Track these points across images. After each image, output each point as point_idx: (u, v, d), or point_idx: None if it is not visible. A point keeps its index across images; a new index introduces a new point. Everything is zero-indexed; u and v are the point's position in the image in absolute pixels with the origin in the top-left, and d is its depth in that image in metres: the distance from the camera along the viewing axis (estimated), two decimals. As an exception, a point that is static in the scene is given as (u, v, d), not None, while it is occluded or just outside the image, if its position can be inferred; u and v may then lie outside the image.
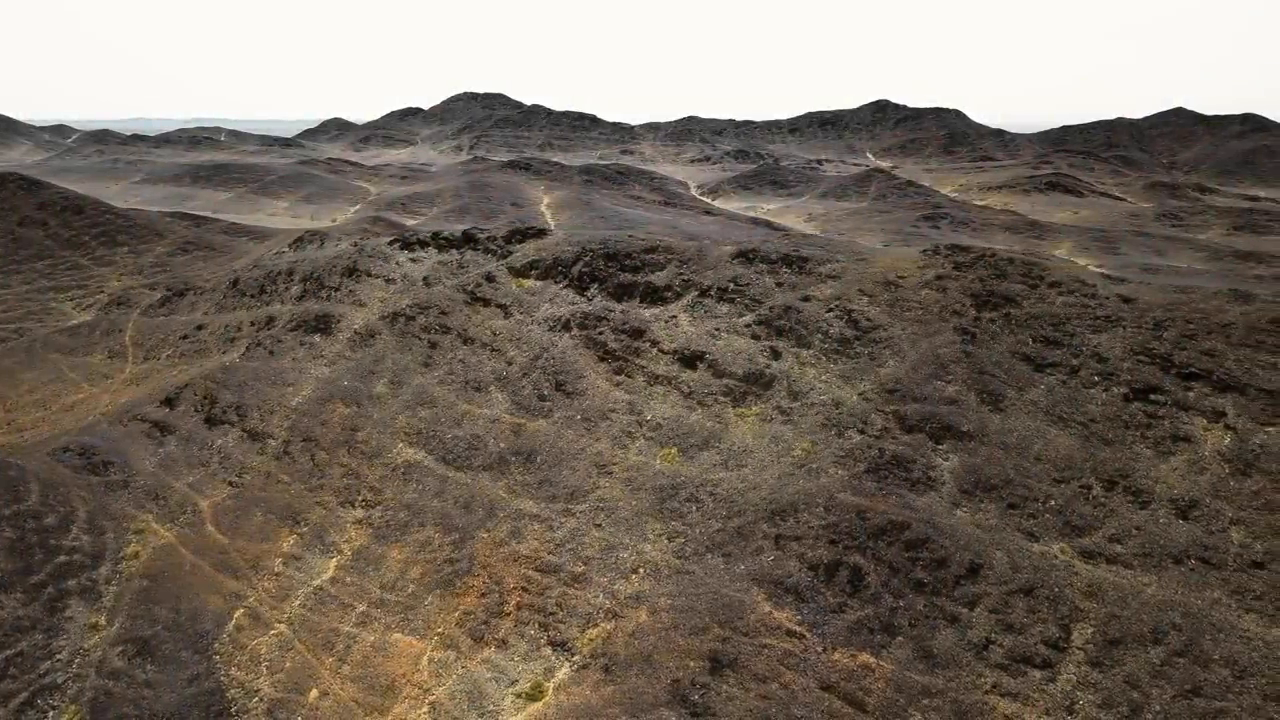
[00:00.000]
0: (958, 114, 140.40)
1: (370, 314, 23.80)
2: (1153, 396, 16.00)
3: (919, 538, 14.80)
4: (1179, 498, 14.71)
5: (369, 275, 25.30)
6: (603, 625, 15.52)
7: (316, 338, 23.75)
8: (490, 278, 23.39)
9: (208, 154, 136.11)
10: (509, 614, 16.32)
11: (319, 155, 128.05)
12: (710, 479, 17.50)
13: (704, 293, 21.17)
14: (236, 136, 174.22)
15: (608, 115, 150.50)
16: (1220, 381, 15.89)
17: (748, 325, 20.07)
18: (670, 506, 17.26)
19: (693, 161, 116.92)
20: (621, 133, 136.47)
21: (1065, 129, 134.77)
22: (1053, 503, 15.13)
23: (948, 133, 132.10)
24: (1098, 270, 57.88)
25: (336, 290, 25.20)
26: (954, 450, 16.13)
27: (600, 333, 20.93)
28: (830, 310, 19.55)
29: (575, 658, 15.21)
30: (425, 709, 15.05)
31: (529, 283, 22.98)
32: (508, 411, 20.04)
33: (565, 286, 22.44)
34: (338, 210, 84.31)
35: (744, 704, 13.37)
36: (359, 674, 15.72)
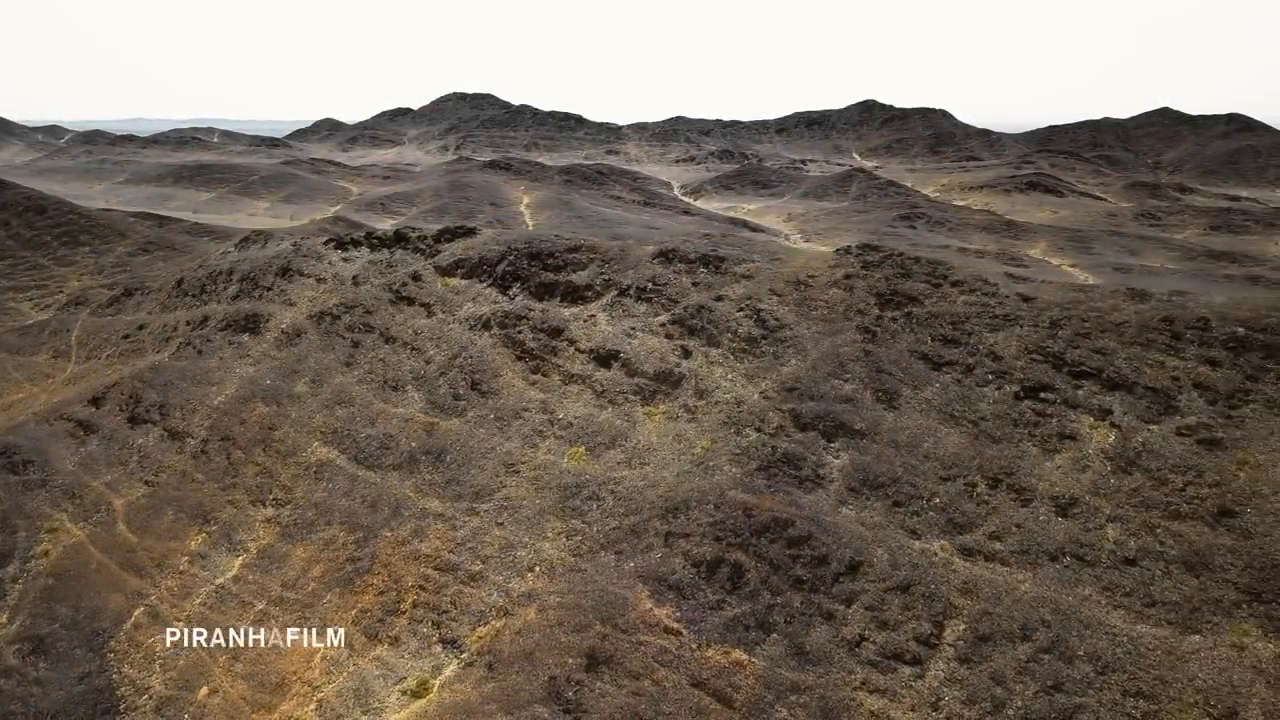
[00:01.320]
0: (944, 114, 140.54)
1: (298, 314, 23.86)
2: (1043, 395, 16.08)
3: (801, 535, 14.88)
4: (1060, 495, 14.78)
5: (301, 275, 25.36)
6: (493, 623, 15.59)
7: (245, 337, 23.81)
8: (417, 277, 23.46)
9: (195, 154, 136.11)
10: (404, 612, 16.39)
11: (304, 156, 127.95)
12: (613, 477, 17.56)
13: (623, 292, 21.24)
14: (229, 137, 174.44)
15: (598, 116, 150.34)
16: (1109, 380, 15.97)
17: (662, 324, 20.14)
18: (572, 505, 17.33)
19: (677, 162, 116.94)
20: (607, 133, 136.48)
21: (1051, 129, 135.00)
22: (937, 500, 15.21)
23: (933, 133, 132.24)
24: (1071, 269, 57.95)
25: (269, 290, 25.26)
26: (845, 448, 16.21)
27: (519, 332, 21.01)
28: (741, 310, 19.62)
29: (463, 655, 15.27)
30: (313, 706, 15.11)
31: (454, 281, 23.04)
32: (422, 411, 20.11)
33: (489, 285, 22.52)
34: (318, 210, 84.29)
35: (615, 700, 13.44)
36: (251, 672, 15.78)
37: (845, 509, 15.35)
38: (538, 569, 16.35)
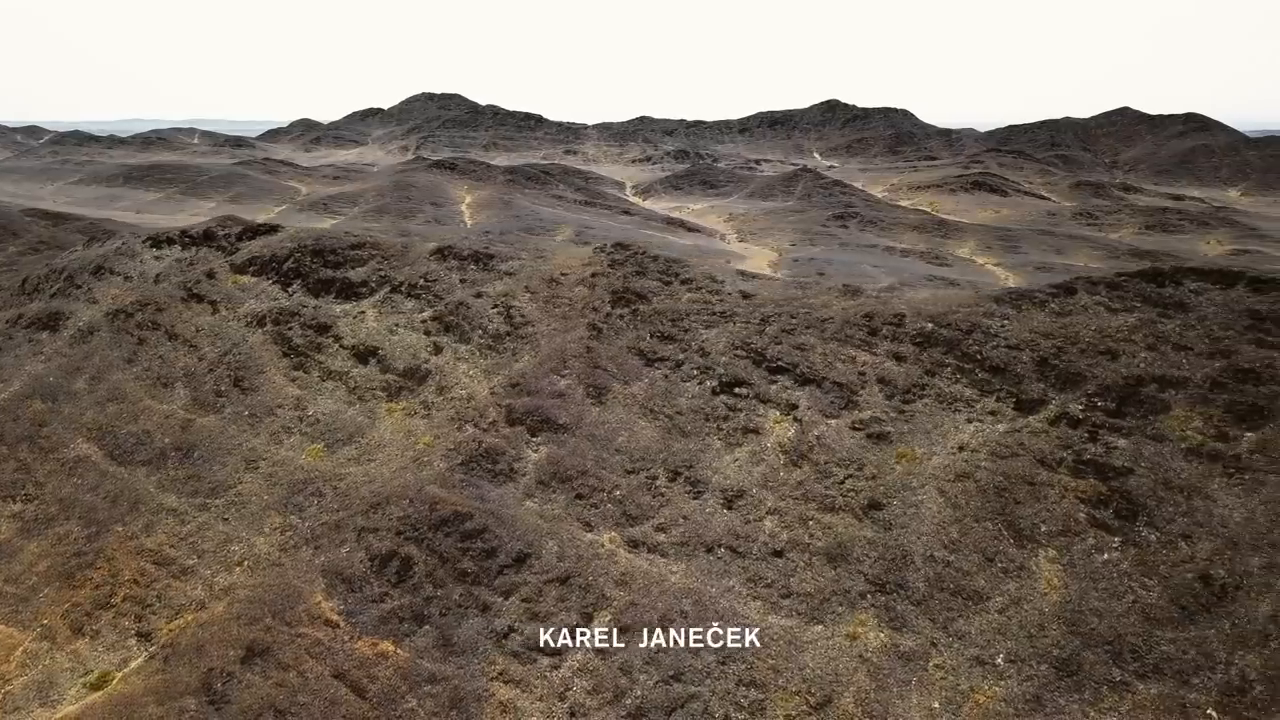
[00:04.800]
0: (905, 114, 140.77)
1: (97, 311, 23.99)
2: (738, 390, 16.25)
3: (477, 528, 15.04)
4: (729, 488, 14.95)
5: (112, 273, 25.49)
6: (187, 616, 15.73)
7: (44, 335, 23.94)
8: (211, 274, 23.59)
9: (156, 154, 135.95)
10: (113, 606, 16.52)
11: (261, 156, 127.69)
12: (340, 473, 17.72)
13: (396, 289, 21.40)
14: (208, 137, 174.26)
15: (567, 116, 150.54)
16: (802, 375, 16.15)
17: (424, 321, 20.30)
18: (295, 501, 17.47)
19: (633, 162, 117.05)
20: (567, 133, 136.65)
21: (1011, 128, 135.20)
22: (618, 493, 15.37)
23: (894, 132, 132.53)
24: (994, 268, 58.06)
25: (79, 288, 25.39)
26: (546, 442, 16.37)
27: (290, 328, 21.15)
28: (495, 306, 19.79)
29: (152, 648, 15.42)
30: (-2, 699, 15.25)
31: (244, 279, 23.18)
32: (183, 407, 20.24)
33: (274, 282, 22.66)
34: (262, 210, 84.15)
35: (259, 692, 13.59)
36: (-52, 665, 15.90)
37: (530, 502, 15.52)
38: (246, 563, 16.49)
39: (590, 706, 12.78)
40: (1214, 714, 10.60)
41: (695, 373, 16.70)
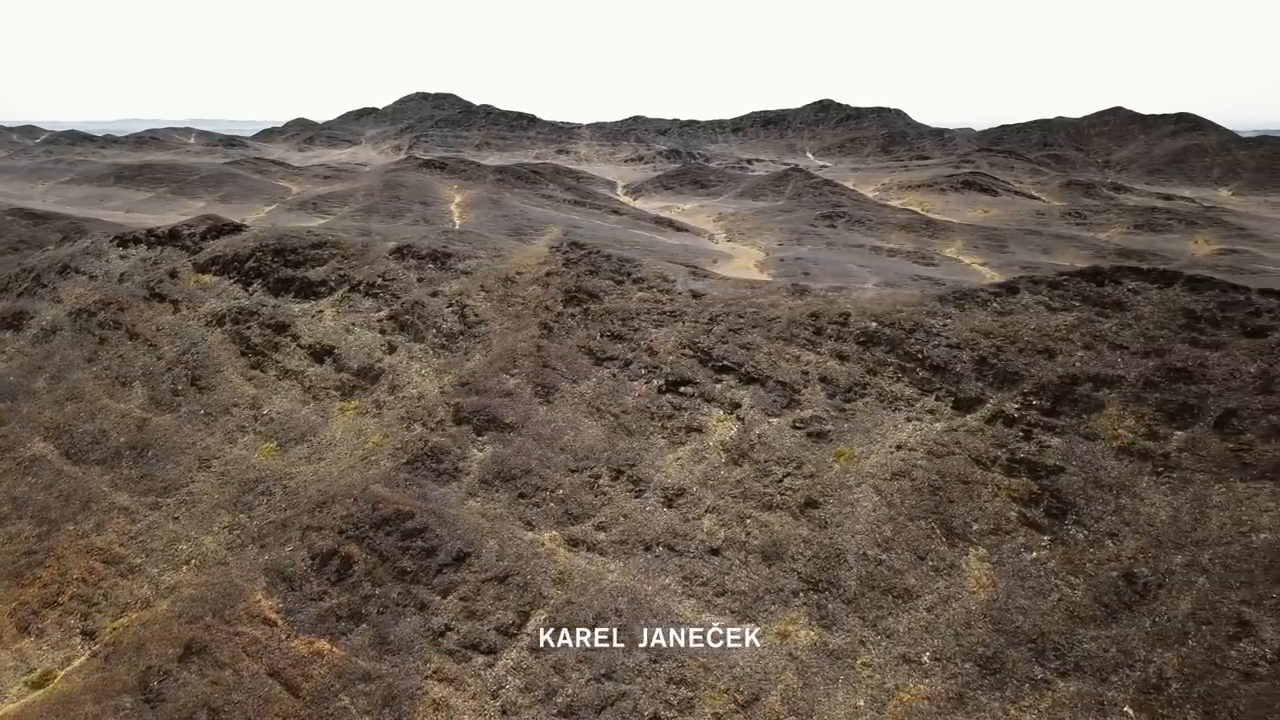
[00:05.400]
0: (898, 113, 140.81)
1: (60, 311, 24.01)
2: (683, 389, 16.27)
3: (418, 527, 15.05)
4: (671, 486, 14.97)
5: (78, 272, 25.51)
6: (131, 615, 15.75)
7: (7, 334, 23.96)
8: (174, 274, 23.61)
9: (150, 154, 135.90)
10: (61, 604, 16.53)
11: (253, 155, 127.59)
12: (290, 472, 17.74)
13: (354, 288, 21.42)
14: (205, 136, 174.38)
15: (563, 116, 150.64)
16: (747, 374, 16.17)
17: (380, 320, 20.33)
18: (245, 500, 17.49)
19: (626, 161, 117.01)
20: (560, 132, 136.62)
21: (1003, 128, 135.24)
22: (560, 492, 15.39)
23: (887, 132, 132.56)
24: (981, 267, 57.99)
25: (45, 287, 25.41)
26: (492, 441, 16.39)
27: (248, 328, 21.17)
28: (450, 305, 19.81)
29: (95, 646, 15.44)
30: (-60, 698, 15.26)
31: (207, 278, 23.20)
32: (140, 406, 20.26)
33: (235, 282, 22.68)
34: (251, 209, 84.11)
35: (195, 690, 13.62)
36: (-107, 664, 15.91)
37: (472, 501, 15.54)
38: (193, 562, 16.51)
39: (522, 705, 12.80)
40: (1130, 711, 10.63)
41: (643, 372, 16.72)
